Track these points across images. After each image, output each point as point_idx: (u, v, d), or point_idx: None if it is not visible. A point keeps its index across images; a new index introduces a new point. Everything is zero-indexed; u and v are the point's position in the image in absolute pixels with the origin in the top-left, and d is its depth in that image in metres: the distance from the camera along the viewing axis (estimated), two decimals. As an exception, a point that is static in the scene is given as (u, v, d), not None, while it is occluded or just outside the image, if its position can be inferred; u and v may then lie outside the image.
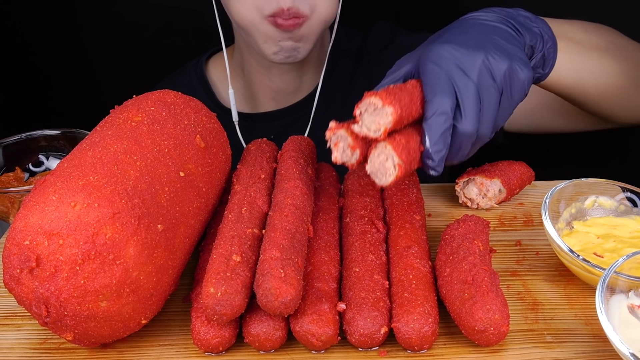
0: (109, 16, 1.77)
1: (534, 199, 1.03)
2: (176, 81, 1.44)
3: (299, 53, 1.18)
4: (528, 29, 0.90)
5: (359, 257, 0.80)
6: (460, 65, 0.80)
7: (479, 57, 0.80)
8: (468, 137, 0.81)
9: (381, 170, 0.76)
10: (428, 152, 0.78)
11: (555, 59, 0.94)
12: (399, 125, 0.77)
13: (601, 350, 0.73)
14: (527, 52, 0.89)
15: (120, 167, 0.73)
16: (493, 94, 0.81)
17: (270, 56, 1.19)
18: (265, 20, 1.13)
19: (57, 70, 1.82)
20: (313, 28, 1.16)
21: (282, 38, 1.15)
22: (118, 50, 1.81)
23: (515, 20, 0.89)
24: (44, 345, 0.77)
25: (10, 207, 1.03)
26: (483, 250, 0.79)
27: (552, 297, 0.82)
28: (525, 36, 0.88)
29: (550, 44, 0.93)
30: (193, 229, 0.80)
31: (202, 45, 1.48)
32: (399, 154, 0.75)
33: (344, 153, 0.78)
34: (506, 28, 0.87)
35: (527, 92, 0.85)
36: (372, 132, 0.75)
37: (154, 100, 0.86)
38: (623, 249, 0.83)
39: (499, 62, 0.81)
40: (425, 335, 0.71)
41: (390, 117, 0.74)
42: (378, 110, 0.75)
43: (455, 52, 0.81)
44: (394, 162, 0.75)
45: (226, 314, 0.70)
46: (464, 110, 0.80)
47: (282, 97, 1.37)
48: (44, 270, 0.66)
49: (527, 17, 0.92)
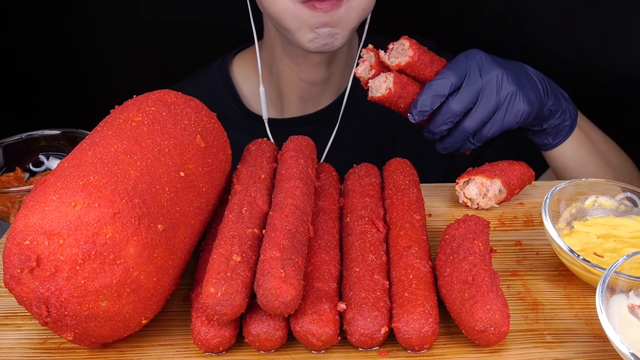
0: (111, 16, 1.77)
1: (534, 199, 1.03)
2: (197, 82, 1.40)
3: (336, 40, 1.13)
4: (556, 96, 1.06)
5: (359, 257, 0.80)
6: (481, 67, 0.98)
7: (497, 70, 0.98)
8: (452, 114, 0.98)
9: (376, 87, 0.99)
10: (416, 101, 0.98)
11: (567, 138, 1.10)
12: (411, 70, 0.99)
13: (601, 350, 0.73)
14: (546, 113, 1.05)
15: (121, 167, 0.73)
16: (490, 102, 0.98)
17: (306, 44, 1.13)
18: (299, 6, 1.08)
19: (58, 70, 1.82)
20: (351, 12, 1.11)
21: (319, 24, 1.10)
22: (119, 50, 1.80)
23: (549, 84, 1.06)
24: (44, 345, 0.77)
25: (10, 207, 1.03)
26: (483, 250, 0.79)
27: (552, 297, 0.82)
28: (549, 98, 1.04)
29: (569, 123, 1.09)
30: (193, 229, 0.80)
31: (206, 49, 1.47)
32: (395, 83, 0.98)
33: (365, 70, 1.01)
34: (536, 80, 1.03)
35: (519, 123, 1.00)
36: (390, 62, 0.99)
37: (154, 100, 0.86)
38: (623, 249, 0.83)
39: (508, 84, 0.98)
40: (426, 335, 0.71)
41: (408, 59, 0.98)
42: (404, 49, 0.99)
43: (484, 58, 0.99)
44: (388, 85, 0.98)
45: (226, 314, 0.70)
46: (461, 93, 0.98)
47: (310, 94, 1.34)
48: (44, 270, 0.66)
49: (561, 92, 1.09)
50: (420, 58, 0.99)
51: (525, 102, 0.99)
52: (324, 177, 0.98)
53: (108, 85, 1.81)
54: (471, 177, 0.99)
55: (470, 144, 1.04)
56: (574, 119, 1.10)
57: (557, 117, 1.07)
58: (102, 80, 1.84)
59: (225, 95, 1.36)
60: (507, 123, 1.00)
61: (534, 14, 1.53)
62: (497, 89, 0.98)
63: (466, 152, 1.09)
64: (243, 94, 1.38)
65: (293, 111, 1.37)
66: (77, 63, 1.83)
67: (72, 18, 1.78)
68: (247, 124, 1.34)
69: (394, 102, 1.00)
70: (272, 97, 1.37)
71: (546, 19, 1.52)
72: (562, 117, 1.07)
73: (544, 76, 1.06)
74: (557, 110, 1.06)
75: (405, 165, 0.99)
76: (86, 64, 1.83)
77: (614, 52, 1.43)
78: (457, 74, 0.98)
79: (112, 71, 1.83)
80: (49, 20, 1.77)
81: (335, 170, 1.01)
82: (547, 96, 1.04)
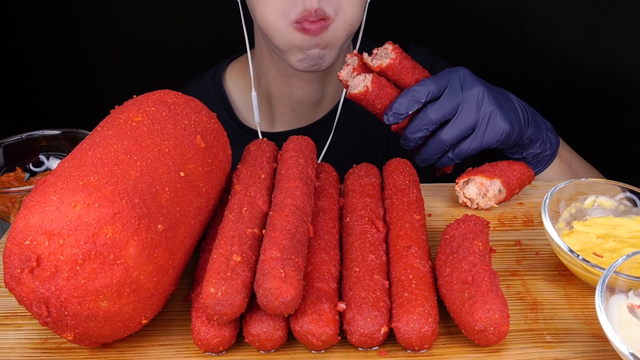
0: (112, 15, 1.77)
1: (533, 199, 1.03)
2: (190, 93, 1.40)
3: (324, 61, 1.15)
4: (537, 125, 1.06)
5: (359, 257, 0.80)
6: (463, 82, 0.99)
7: (479, 88, 0.99)
8: (428, 121, 0.99)
9: (354, 84, 1.01)
10: (392, 104, 0.99)
11: (546, 167, 1.10)
12: (392, 73, 1.01)
13: (601, 350, 0.73)
14: (526, 141, 1.05)
15: (121, 167, 0.73)
16: (469, 117, 0.98)
17: (295, 64, 1.15)
18: (290, 27, 1.10)
19: (57, 70, 1.82)
20: (339, 31, 1.13)
21: (309, 46, 1.12)
22: (119, 50, 1.81)
23: (531, 112, 1.06)
24: (44, 345, 0.77)
25: (10, 207, 1.03)
26: (483, 250, 0.79)
27: (552, 297, 0.82)
28: (529, 127, 1.04)
29: (549, 153, 1.09)
30: (193, 228, 0.80)
31: (206, 49, 1.47)
32: (373, 82, 1.00)
33: (347, 73, 1.03)
34: (517, 107, 1.04)
35: (499, 142, 1.00)
36: (372, 63, 1.02)
37: (155, 101, 0.86)
38: (623, 249, 0.84)
39: (489, 102, 0.98)
40: (425, 335, 0.71)
41: (389, 61, 1.00)
42: (387, 53, 1.01)
43: (467, 75, 1.00)
44: (366, 83, 1.00)
45: (226, 314, 0.70)
46: (439, 102, 0.98)
47: (302, 109, 1.34)
48: (44, 270, 0.66)
49: (543, 121, 1.08)
50: (402, 62, 1.01)
51: (507, 122, 0.99)
52: (324, 177, 0.98)
53: (108, 85, 1.82)
54: (471, 177, 0.99)
55: (448, 159, 1.02)
56: (555, 149, 1.09)
57: (537, 146, 1.06)
58: (102, 80, 1.85)
59: (219, 108, 1.35)
60: (487, 141, 0.99)
61: (533, 15, 1.53)
62: (478, 106, 0.98)
63: (447, 171, 1.09)
64: (236, 105, 1.38)
65: (285, 123, 1.36)
66: (77, 63, 1.83)
67: (75, 19, 1.78)
68: (240, 137, 1.32)
69: (371, 102, 1.01)
70: (262, 108, 1.35)
71: (546, 19, 1.52)
72: (543, 146, 1.07)
73: (526, 105, 1.05)
74: (537, 139, 1.06)
75: (405, 165, 0.99)
76: (86, 64, 1.84)
77: (613, 53, 1.43)
78: (437, 84, 0.98)
79: (112, 71, 1.83)
80: (51, 21, 1.77)
81: (335, 170, 1.01)
82: (527, 124, 1.03)
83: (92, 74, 1.85)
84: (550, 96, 1.49)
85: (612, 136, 1.51)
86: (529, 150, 1.06)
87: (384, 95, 1.00)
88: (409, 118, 1.01)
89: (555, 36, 1.52)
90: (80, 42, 1.80)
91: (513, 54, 1.59)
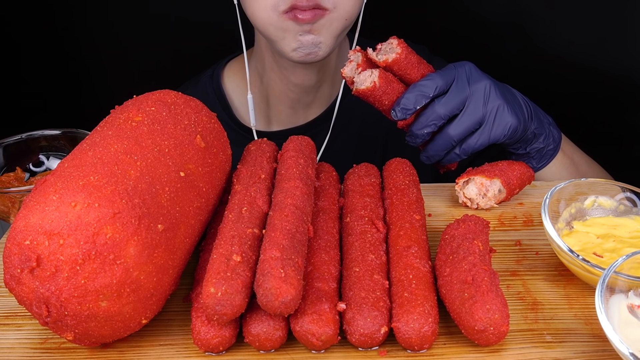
0: (112, 16, 1.77)
1: (533, 199, 1.03)
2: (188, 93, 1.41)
3: (320, 49, 1.14)
4: (539, 120, 1.05)
5: (359, 257, 0.80)
6: (469, 76, 0.98)
7: (485, 81, 0.98)
8: (436, 117, 0.97)
9: (361, 80, 1.00)
10: (399, 100, 0.98)
11: (550, 161, 1.10)
12: (398, 68, 1.00)
13: (601, 350, 0.73)
14: (529, 136, 1.04)
15: (121, 167, 0.73)
16: (477, 112, 0.97)
17: (290, 53, 1.14)
18: (282, 16, 1.10)
19: (57, 70, 1.82)
20: (334, 22, 1.12)
21: (302, 31, 1.11)
22: (119, 50, 1.81)
23: (534, 108, 1.05)
24: (44, 345, 0.77)
25: (10, 207, 1.03)
26: (483, 250, 0.79)
27: (552, 297, 0.82)
28: (533, 122, 1.03)
29: (552, 147, 1.09)
30: (193, 228, 0.80)
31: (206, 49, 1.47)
32: (380, 77, 0.98)
33: (351, 69, 1.01)
34: (521, 102, 1.03)
35: (507, 136, 0.99)
36: (378, 59, 1.00)
37: (154, 101, 0.86)
38: (623, 249, 0.84)
39: (496, 96, 0.98)
40: (425, 335, 0.71)
41: (395, 55, 0.99)
42: (392, 47, 1.00)
43: (473, 69, 0.99)
44: (373, 78, 0.98)
45: (226, 314, 0.70)
46: (447, 97, 0.97)
47: (300, 104, 1.34)
48: (44, 270, 0.66)
49: (545, 116, 1.08)
50: (408, 57, 0.99)
51: (514, 116, 0.98)
52: (324, 177, 0.98)
53: (108, 86, 1.82)
54: (471, 177, 0.99)
55: (455, 155, 1.01)
56: (557, 143, 1.09)
57: (540, 140, 1.06)
58: (102, 81, 1.85)
59: (217, 107, 1.35)
60: (494, 135, 0.98)
61: (533, 15, 1.53)
62: (485, 100, 0.97)
63: (451, 168, 1.08)
64: (234, 104, 1.38)
65: (283, 122, 1.37)
66: (77, 63, 1.83)
67: (74, 19, 1.78)
68: (238, 137, 1.33)
69: (378, 98, 0.99)
70: (261, 106, 1.36)
71: (546, 20, 1.52)
72: (546, 141, 1.07)
73: (528, 100, 1.05)
74: (540, 133, 1.05)
75: (405, 165, 0.99)
76: (87, 64, 1.84)
77: (614, 53, 1.43)
78: (444, 78, 0.97)
79: (112, 71, 1.83)
80: (51, 21, 1.77)
81: (335, 170, 1.01)
82: (530, 119, 1.03)
83: (92, 75, 1.85)
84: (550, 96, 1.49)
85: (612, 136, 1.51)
86: (532, 145, 1.06)
87: (391, 91, 0.99)
88: (416, 114, 1.00)
89: (555, 36, 1.52)
90: (80, 42, 1.80)
91: (513, 54, 1.59)
